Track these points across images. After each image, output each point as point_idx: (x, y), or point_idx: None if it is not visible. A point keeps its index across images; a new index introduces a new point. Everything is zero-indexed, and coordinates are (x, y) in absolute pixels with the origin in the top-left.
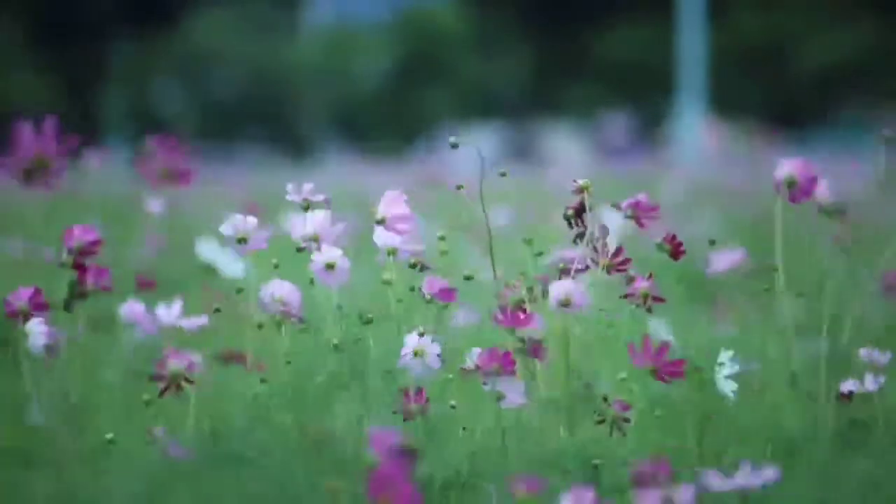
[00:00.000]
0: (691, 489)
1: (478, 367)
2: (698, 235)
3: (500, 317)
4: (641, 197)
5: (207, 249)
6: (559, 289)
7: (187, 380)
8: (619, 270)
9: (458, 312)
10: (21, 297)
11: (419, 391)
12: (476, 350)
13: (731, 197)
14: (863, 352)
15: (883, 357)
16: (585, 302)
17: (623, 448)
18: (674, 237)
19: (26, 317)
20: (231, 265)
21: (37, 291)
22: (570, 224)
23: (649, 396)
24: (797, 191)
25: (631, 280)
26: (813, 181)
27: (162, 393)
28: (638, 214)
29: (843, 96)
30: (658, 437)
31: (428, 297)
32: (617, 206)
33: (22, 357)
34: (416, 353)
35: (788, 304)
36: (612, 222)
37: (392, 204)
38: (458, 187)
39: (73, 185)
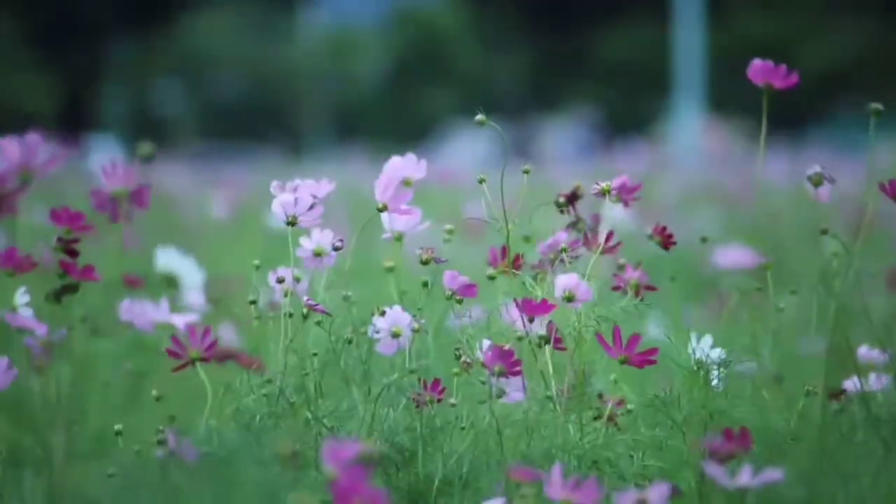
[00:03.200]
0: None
1: (483, 366)
2: (697, 234)
3: (520, 305)
4: (624, 178)
5: (166, 258)
6: (563, 283)
7: (203, 359)
8: (609, 253)
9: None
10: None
11: (435, 382)
12: (486, 343)
13: (728, 196)
14: (862, 350)
15: (882, 356)
16: (590, 297)
17: (621, 445)
18: (664, 228)
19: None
20: (192, 273)
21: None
22: (561, 211)
23: (643, 395)
24: None
25: (621, 268)
26: None
27: (176, 370)
28: (622, 195)
29: (842, 96)
30: (657, 435)
31: (449, 292)
32: (602, 191)
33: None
34: (394, 334)
35: (787, 302)
36: (613, 216)
37: (388, 188)
38: (481, 181)
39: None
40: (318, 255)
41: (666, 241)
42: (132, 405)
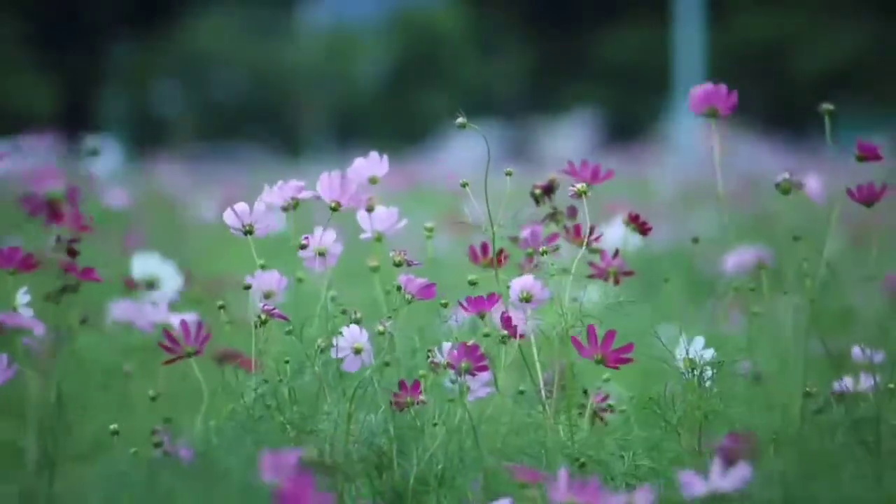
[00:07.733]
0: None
1: (448, 365)
2: (698, 234)
3: (466, 304)
4: (596, 166)
5: (144, 263)
6: (519, 285)
7: (196, 352)
8: (592, 247)
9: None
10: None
11: (414, 384)
12: (446, 345)
13: (727, 197)
14: (856, 350)
15: (877, 356)
16: (546, 297)
17: (611, 444)
18: (637, 216)
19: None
20: (171, 279)
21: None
22: (537, 202)
23: (633, 393)
24: None
25: (595, 251)
26: None
27: (168, 362)
28: (593, 179)
29: (842, 96)
30: (650, 433)
31: (408, 296)
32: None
33: (20, 358)
34: (356, 350)
35: (784, 303)
36: (615, 232)
37: (332, 187)
38: (463, 184)
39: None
40: (320, 254)
41: (642, 229)
42: (128, 405)
